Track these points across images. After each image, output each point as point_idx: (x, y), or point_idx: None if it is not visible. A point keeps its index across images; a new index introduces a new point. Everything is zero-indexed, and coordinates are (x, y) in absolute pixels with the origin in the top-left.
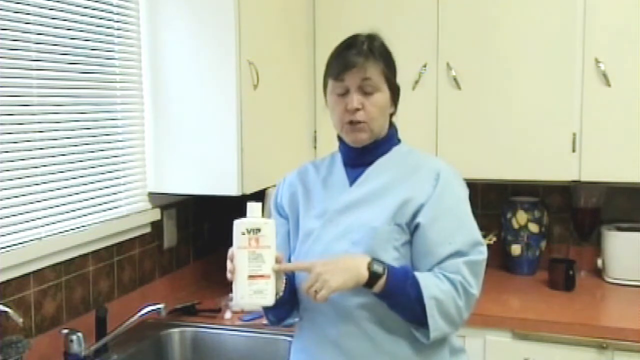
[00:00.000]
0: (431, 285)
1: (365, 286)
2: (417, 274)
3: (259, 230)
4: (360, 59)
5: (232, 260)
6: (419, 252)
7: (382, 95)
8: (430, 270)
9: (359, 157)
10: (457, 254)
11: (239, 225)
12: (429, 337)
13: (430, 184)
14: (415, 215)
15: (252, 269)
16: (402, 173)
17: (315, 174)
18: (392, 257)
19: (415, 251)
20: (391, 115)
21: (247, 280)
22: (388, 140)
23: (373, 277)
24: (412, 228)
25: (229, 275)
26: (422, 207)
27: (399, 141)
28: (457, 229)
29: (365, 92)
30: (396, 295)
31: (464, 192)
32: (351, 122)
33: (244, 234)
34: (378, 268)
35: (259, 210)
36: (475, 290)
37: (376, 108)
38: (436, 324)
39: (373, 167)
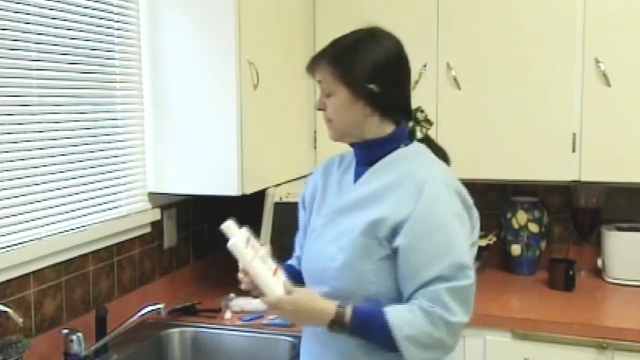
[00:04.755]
0: (403, 324)
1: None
2: (389, 312)
3: (249, 238)
4: (312, 62)
5: (246, 275)
6: (402, 275)
7: (336, 98)
8: (414, 292)
9: (361, 156)
10: (439, 279)
11: (237, 244)
12: None
13: (412, 199)
14: (395, 232)
15: (269, 267)
16: (393, 181)
17: (337, 169)
18: (369, 269)
19: (399, 273)
20: (384, 115)
21: (273, 278)
22: (389, 142)
23: (335, 332)
24: (394, 248)
25: (253, 291)
26: (402, 224)
27: (409, 142)
28: (440, 252)
29: (326, 94)
30: (364, 338)
31: (454, 208)
32: None
33: (246, 247)
34: (337, 328)
35: (234, 225)
36: (460, 317)
37: (332, 110)
38: (416, 357)
39: (373, 169)
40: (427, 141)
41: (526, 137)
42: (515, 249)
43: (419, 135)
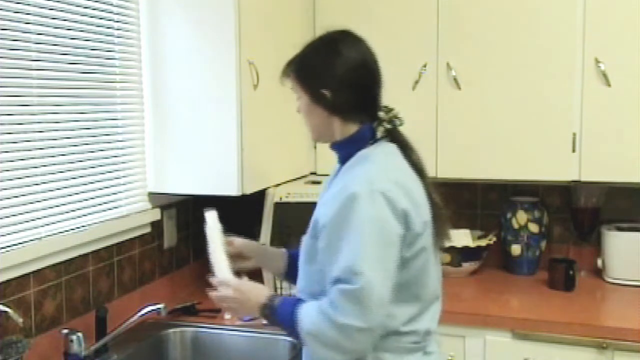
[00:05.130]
0: (306, 319)
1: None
2: (302, 306)
3: (222, 232)
4: (283, 69)
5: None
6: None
7: (301, 102)
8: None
9: (338, 157)
10: (337, 280)
11: (216, 230)
12: None
13: (335, 202)
14: (320, 235)
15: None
16: (340, 186)
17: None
18: (315, 269)
19: None
20: (345, 118)
21: (228, 266)
22: (352, 142)
23: (265, 317)
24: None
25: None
26: (324, 228)
27: (373, 142)
28: (340, 255)
29: (297, 98)
30: (284, 330)
31: (371, 212)
32: None
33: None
34: (266, 312)
35: (216, 217)
36: (350, 320)
37: (302, 112)
38: (318, 353)
39: (341, 170)
40: (398, 141)
41: (526, 137)
42: (515, 249)
43: (379, 134)
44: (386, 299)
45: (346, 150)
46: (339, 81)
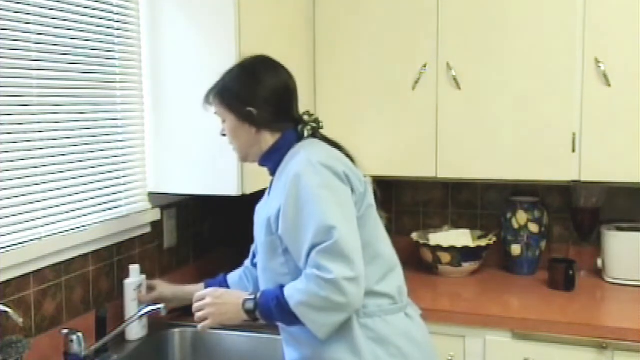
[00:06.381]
0: (294, 293)
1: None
2: (285, 287)
3: (141, 283)
4: (205, 97)
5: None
6: (295, 259)
7: (227, 123)
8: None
9: (269, 169)
10: (312, 248)
11: (130, 285)
12: (319, 336)
13: (283, 189)
14: (278, 223)
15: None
16: (279, 185)
17: None
18: (280, 263)
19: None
20: (271, 129)
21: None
22: (277, 151)
23: (249, 313)
24: (280, 238)
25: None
26: (279, 215)
27: (297, 142)
28: (307, 225)
29: (222, 121)
30: (273, 317)
31: (319, 180)
32: None
33: (134, 290)
34: (250, 305)
35: (138, 270)
36: (336, 274)
37: (229, 134)
38: (315, 322)
39: (274, 180)
40: (323, 137)
41: (526, 137)
42: (515, 249)
43: (306, 134)
44: (360, 249)
45: (275, 157)
46: (262, 98)
